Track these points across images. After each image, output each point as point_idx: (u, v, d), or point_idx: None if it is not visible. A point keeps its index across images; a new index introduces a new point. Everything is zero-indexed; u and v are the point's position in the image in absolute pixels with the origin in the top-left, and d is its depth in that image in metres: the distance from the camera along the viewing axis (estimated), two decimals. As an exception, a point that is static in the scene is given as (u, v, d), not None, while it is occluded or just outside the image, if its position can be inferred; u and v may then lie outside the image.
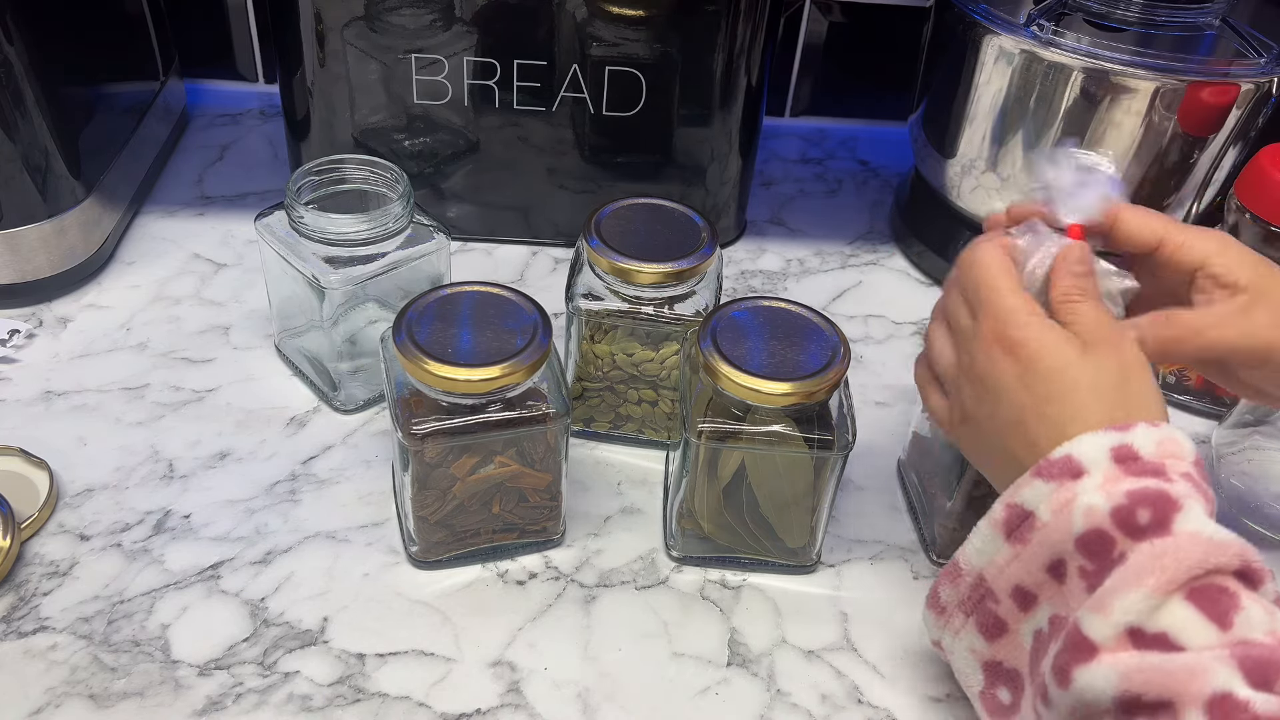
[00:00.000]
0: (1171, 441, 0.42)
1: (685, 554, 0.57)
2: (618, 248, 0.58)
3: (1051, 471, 0.42)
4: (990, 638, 0.45)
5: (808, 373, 0.51)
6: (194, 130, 0.91)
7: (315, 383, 0.66)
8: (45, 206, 0.68)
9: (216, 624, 0.52)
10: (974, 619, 0.46)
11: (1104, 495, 0.40)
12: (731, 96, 0.74)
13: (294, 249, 0.59)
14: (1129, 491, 0.40)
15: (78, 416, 0.63)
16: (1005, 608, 0.44)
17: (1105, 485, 0.40)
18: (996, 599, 0.44)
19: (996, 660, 0.45)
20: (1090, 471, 0.41)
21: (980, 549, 0.45)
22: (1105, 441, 0.41)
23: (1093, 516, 0.40)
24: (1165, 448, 0.41)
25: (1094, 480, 0.41)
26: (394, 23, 0.70)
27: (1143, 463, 0.41)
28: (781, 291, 0.79)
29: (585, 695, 0.51)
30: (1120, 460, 0.41)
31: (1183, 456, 0.41)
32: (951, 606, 0.47)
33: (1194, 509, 0.39)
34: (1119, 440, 0.41)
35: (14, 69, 0.63)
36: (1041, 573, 0.42)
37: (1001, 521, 0.44)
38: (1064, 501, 0.41)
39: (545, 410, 0.52)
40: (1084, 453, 0.41)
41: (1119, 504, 0.40)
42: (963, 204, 0.77)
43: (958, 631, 0.47)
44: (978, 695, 0.47)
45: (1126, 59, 0.65)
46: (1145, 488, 0.40)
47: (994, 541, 0.44)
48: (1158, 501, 0.39)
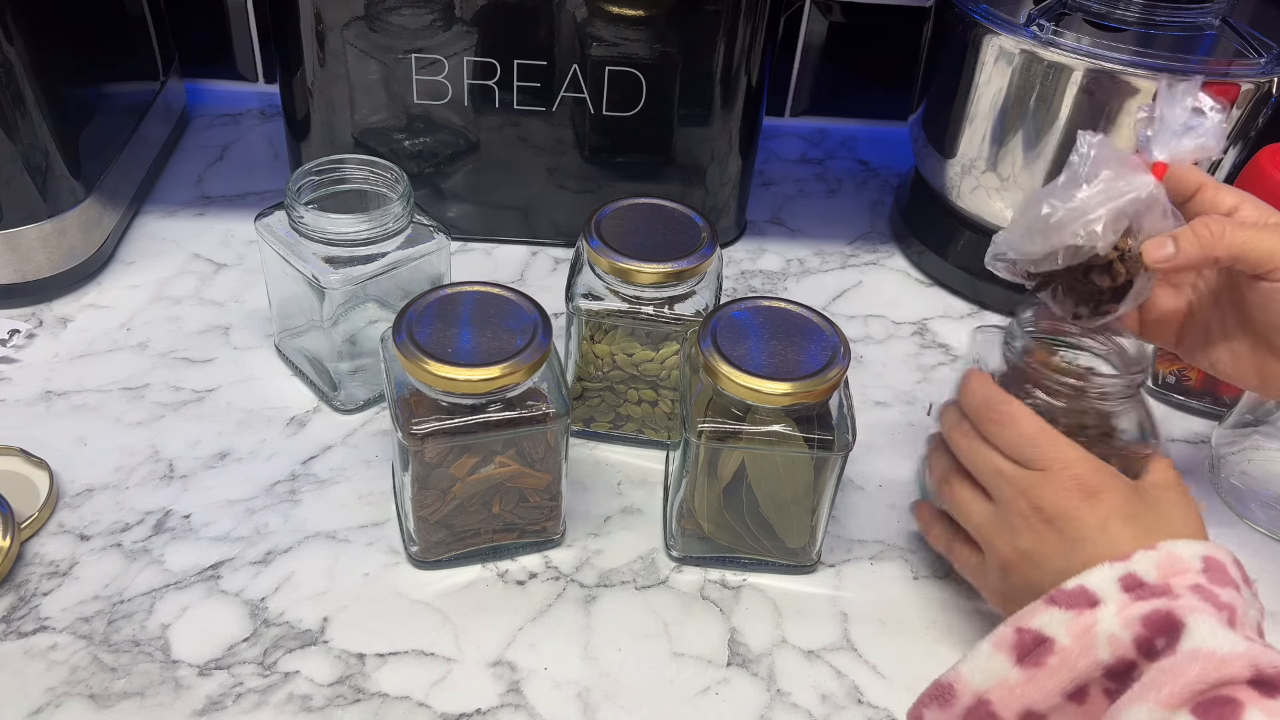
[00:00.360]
0: (1171, 559, 0.43)
1: (685, 554, 0.57)
2: (618, 248, 0.58)
3: (1067, 600, 0.43)
4: None
5: (808, 373, 0.51)
6: (194, 130, 0.91)
7: (315, 383, 0.66)
8: (45, 206, 0.68)
9: (216, 624, 0.52)
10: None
11: (1122, 623, 0.41)
12: (731, 96, 0.74)
13: (294, 249, 0.59)
14: (1143, 617, 0.41)
15: (78, 416, 0.63)
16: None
17: (1120, 612, 0.42)
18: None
19: None
20: (1105, 601, 0.42)
21: (984, 669, 0.44)
22: (1111, 573, 0.43)
23: (1118, 645, 0.41)
24: (1165, 568, 0.43)
25: (1109, 609, 0.42)
26: (394, 23, 0.70)
27: (1149, 587, 0.42)
28: (781, 291, 0.79)
29: (585, 695, 0.51)
30: (1128, 588, 0.42)
31: (1186, 569, 0.43)
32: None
33: (1199, 625, 0.40)
34: (1123, 570, 0.43)
35: (14, 69, 0.63)
36: (1059, 697, 0.42)
37: (1013, 645, 0.43)
38: (1085, 627, 0.42)
39: (545, 410, 0.52)
40: (1095, 584, 0.43)
41: (1138, 633, 0.41)
42: (963, 204, 0.77)
43: None
44: None
45: (1126, 59, 0.65)
46: (1156, 610, 0.41)
47: (1000, 664, 0.44)
48: (1166, 624, 0.41)
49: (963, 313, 0.78)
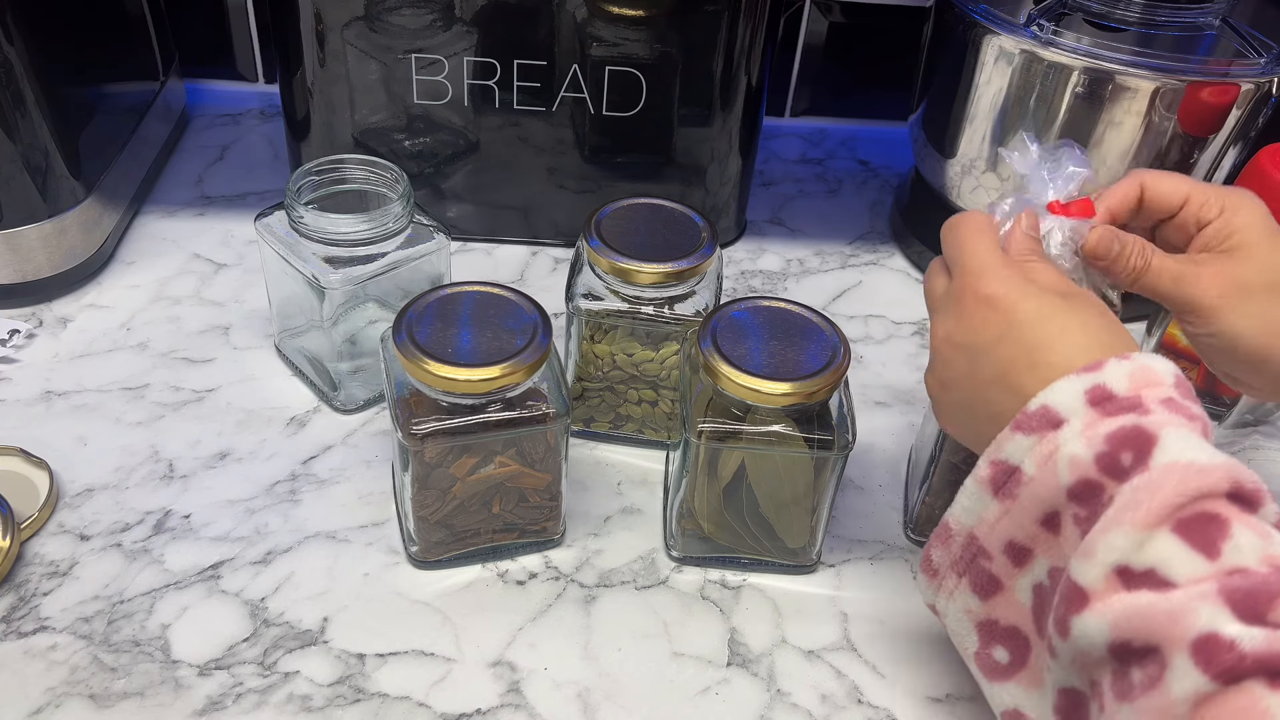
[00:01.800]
0: (1144, 370, 0.40)
1: (685, 554, 0.57)
2: (618, 248, 0.58)
3: (1031, 424, 0.41)
4: (985, 596, 0.44)
5: (808, 373, 0.51)
6: (194, 130, 0.91)
7: (315, 383, 0.66)
8: (45, 206, 0.68)
9: (216, 624, 0.52)
10: (967, 579, 0.45)
11: (1085, 442, 0.39)
12: (731, 96, 0.74)
13: (294, 249, 0.59)
14: (1108, 435, 0.39)
15: (78, 416, 0.63)
16: (999, 564, 0.43)
17: (1085, 431, 0.39)
18: (989, 556, 0.44)
19: (992, 619, 0.45)
20: (1069, 419, 0.40)
21: (968, 507, 0.44)
22: (1078, 386, 0.40)
23: (1078, 467, 0.39)
24: (1138, 379, 0.40)
25: (1073, 428, 0.40)
26: (394, 23, 0.70)
27: (1118, 400, 0.40)
28: (781, 291, 0.79)
29: (585, 695, 0.51)
30: (1096, 403, 0.40)
31: (1159, 383, 0.40)
32: (944, 568, 0.46)
33: (1171, 437, 0.38)
34: (1092, 381, 0.40)
35: (14, 69, 0.63)
36: (1035, 526, 0.42)
37: (988, 479, 0.43)
38: (1047, 454, 0.40)
39: (545, 410, 0.52)
40: (1059, 400, 0.40)
41: (1101, 450, 0.39)
42: (963, 204, 0.77)
43: (951, 593, 0.46)
44: (973, 657, 0.46)
45: (1126, 59, 0.65)
46: (1123, 427, 0.39)
47: (981, 499, 0.43)
48: (1136, 439, 0.38)
49: (963, 313, 0.78)
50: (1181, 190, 0.49)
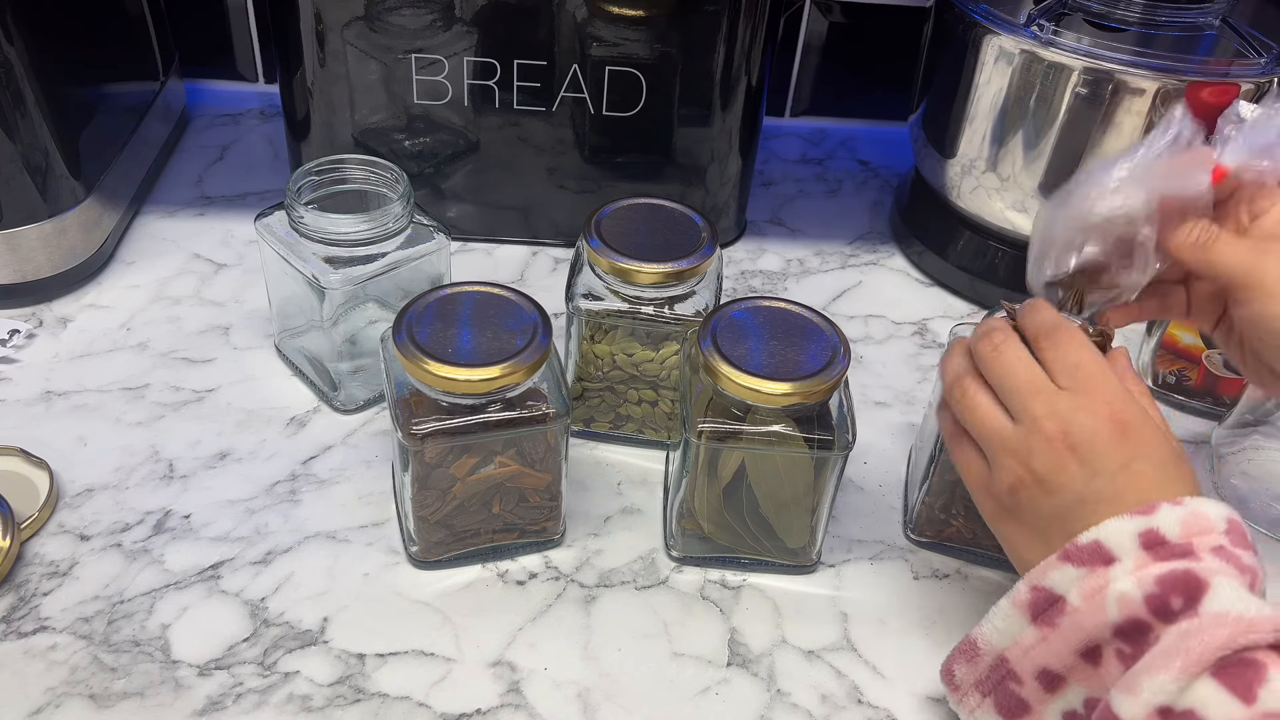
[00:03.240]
0: (1196, 518, 0.41)
1: (685, 554, 0.57)
2: (618, 248, 0.58)
3: (1081, 557, 0.42)
4: (1010, 717, 0.45)
5: (808, 373, 0.51)
6: (194, 130, 0.91)
7: (315, 383, 0.66)
8: (45, 206, 0.68)
9: (216, 624, 0.52)
10: (992, 699, 0.45)
11: (1135, 582, 0.40)
12: (731, 96, 0.74)
13: (294, 249, 0.59)
14: (1159, 578, 0.40)
15: (78, 416, 0.63)
16: (1029, 689, 0.44)
17: (1136, 571, 0.40)
18: (1019, 680, 0.44)
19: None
20: (1120, 558, 0.41)
21: (1001, 629, 0.44)
22: (1131, 527, 0.41)
23: (1127, 605, 0.40)
24: (1190, 526, 0.41)
25: (1124, 567, 0.41)
26: (394, 23, 0.70)
27: (1170, 546, 0.41)
28: (781, 291, 0.79)
29: (585, 695, 0.51)
30: (1148, 546, 0.41)
31: (1211, 529, 0.41)
32: (966, 685, 0.46)
33: (1222, 587, 0.39)
34: (1144, 525, 0.41)
35: (14, 69, 0.63)
36: (1073, 656, 0.42)
37: (1027, 603, 0.43)
38: (1096, 588, 0.41)
39: (545, 410, 0.52)
40: (1110, 538, 0.42)
41: (1151, 592, 0.40)
42: (963, 204, 0.77)
43: (973, 710, 0.46)
44: None
45: (1126, 59, 0.65)
46: (1174, 571, 0.40)
47: (1017, 623, 0.44)
48: (1186, 585, 0.40)
49: (963, 313, 0.78)
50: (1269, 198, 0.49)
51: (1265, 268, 0.47)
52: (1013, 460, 0.46)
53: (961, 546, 0.58)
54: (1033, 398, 0.46)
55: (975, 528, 0.57)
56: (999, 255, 0.77)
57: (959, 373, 0.50)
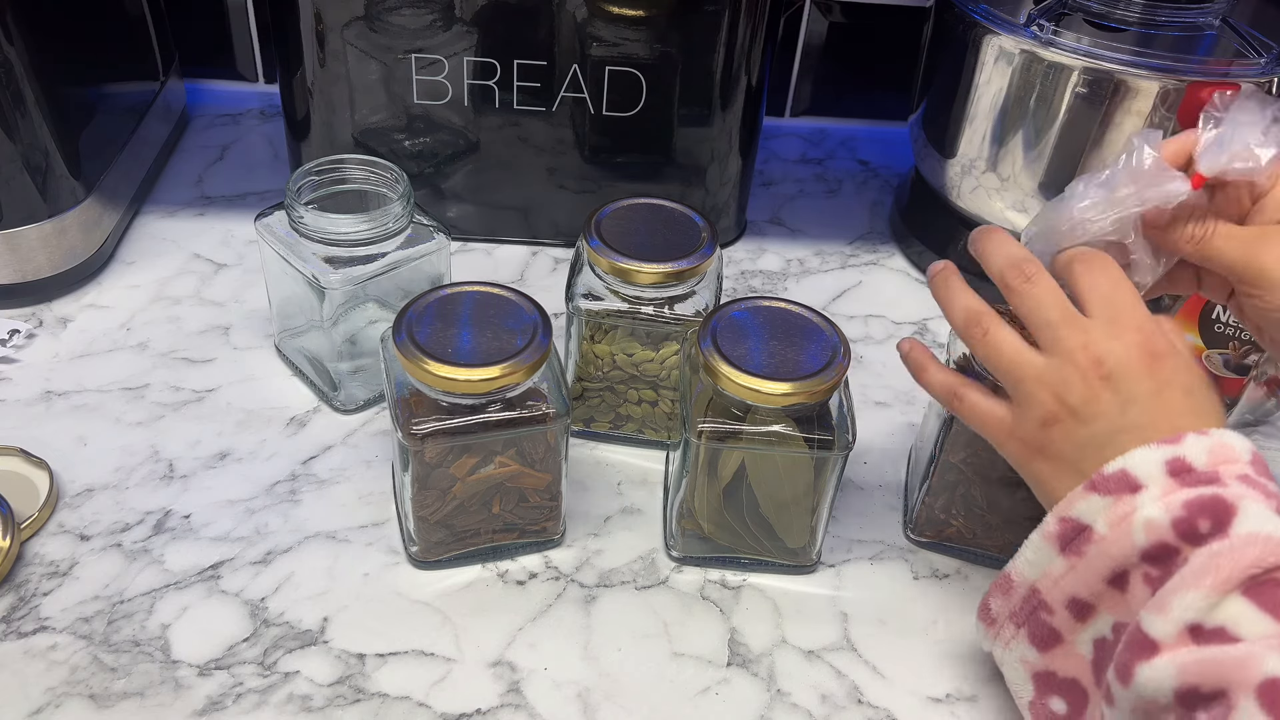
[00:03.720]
0: (1223, 447, 0.42)
1: (685, 554, 0.57)
2: (618, 248, 0.58)
3: (1108, 486, 0.42)
4: (1043, 648, 0.46)
5: (808, 373, 0.51)
6: (194, 130, 0.91)
7: (315, 383, 0.66)
8: (45, 206, 0.68)
9: (216, 624, 0.52)
10: (1026, 630, 0.46)
11: (1163, 507, 0.41)
12: (731, 96, 0.74)
13: (294, 249, 0.59)
14: (1186, 502, 0.40)
15: (78, 416, 0.63)
16: (1060, 618, 0.45)
17: (1164, 497, 0.41)
18: (1050, 610, 0.45)
19: (1050, 670, 0.46)
20: (1147, 485, 0.41)
21: (1032, 561, 0.45)
22: (1158, 456, 0.42)
23: (1154, 530, 0.41)
24: (1217, 455, 0.42)
25: (1151, 493, 0.41)
26: (394, 23, 0.70)
27: (1197, 473, 0.41)
28: (781, 291, 0.79)
29: (585, 695, 0.51)
30: (1175, 473, 0.41)
31: (1236, 459, 0.42)
32: (1002, 618, 0.47)
33: (1251, 510, 0.39)
34: (1172, 453, 0.42)
35: (14, 69, 0.63)
36: (1101, 584, 0.43)
37: (1055, 535, 0.44)
38: (1122, 515, 0.41)
39: (545, 410, 0.52)
40: (1137, 467, 0.42)
41: (1178, 515, 0.40)
42: (963, 204, 0.77)
43: (1008, 642, 0.47)
44: (1028, 705, 0.47)
45: (1126, 59, 0.65)
46: (1201, 496, 0.40)
47: (1047, 554, 0.44)
48: (1214, 508, 0.40)
49: (963, 313, 0.78)
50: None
51: (1265, 259, 0.46)
52: (1046, 393, 0.45)
53: (961, 546, 0.58)
54: (1068, 328, 0.45)
55: (975, 528, 0.57)
56: (999, 255, 0.77)
57: (976, 310, 0.48)
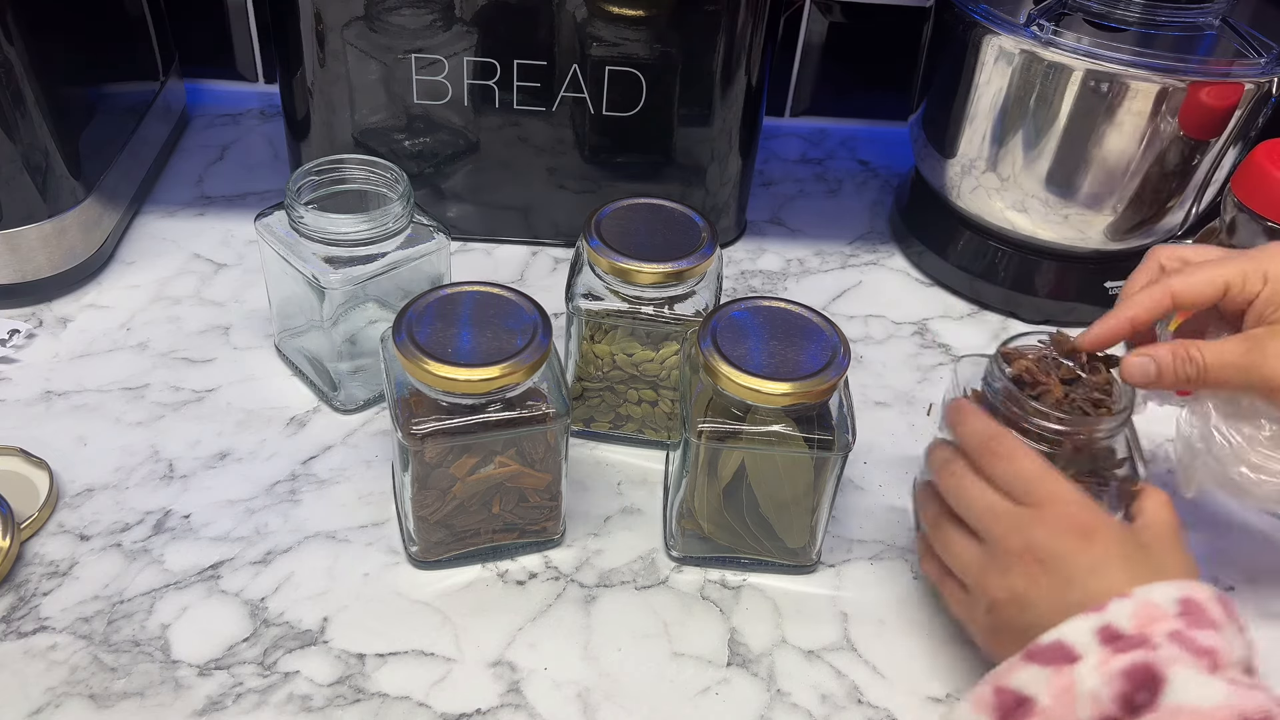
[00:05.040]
0: (1147, 607, 0.42)
1: (685, 554, 0.57)
2: (618, 248, 0.58)
3: (1045, 656, 0.42)
4: None
5: (808, 373, 0.51)
6: (194, 130, 0.91)
7: (315, 383, 0.66)
8: (45, 206, 0.68)
9: (216, 624, 0.52)
10: None
11: (1102, 678, 0.40)
12: (731, 96, 0.74)
13: (294, 249, 0.59)
14: (1122, 671, 0.40)
15: (78, 416, 0.63)
16: None
17: (1100, 668, 0.41)
18: None
19: None
20: (1084, 655, 0.41)
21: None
22: (1088, 625, 0.42)
23: (1098, 704, 0.40)
24: (1142, 616, 0.41)
25: (1089, 664, 0.41)
26: (394, 23, 0.70)
27: (1126, 638, 0.41)
28: (781, 291, 0.79)
29: (585, 695, 0.51)
30: (1107, 641, 0.41)
31: (1163, 616, 0.41)
32: None
33: (1178, 678, 0.39)
34: (1099, 621, 0.42)
35: (14, 69, 0.63)
36: None
37: (993, 705, 0.43)
38: (1064, 687, 0.41)
39: (545, 410, 0.52)
40: (1070, 636, 0.42)
41: (1118, 690, 0.40)
42: (963, 204, 0.77)
43: None
44: None
45: (1127, 59, 0.65)
46: (1134, 664, 0.40)
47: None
48: (1146, 678, 0.40)
49: (963, 313, 0.78)
50: (1218, 282, 0.49)
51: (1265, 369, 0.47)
52: (987, 580, 0.47)
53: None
54: (993, 521, 0.48)
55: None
56: (999, 255, 0.77)
57: (935, 517, 0.52)
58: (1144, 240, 0.74)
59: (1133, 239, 0.73)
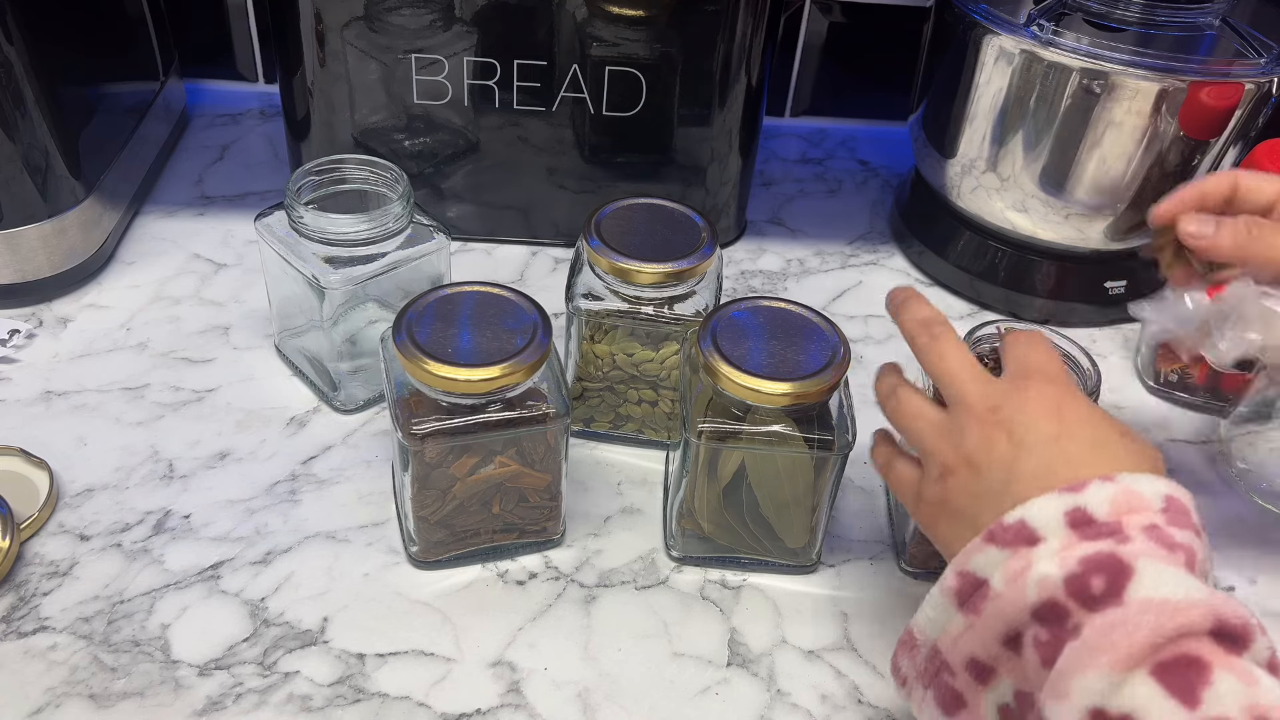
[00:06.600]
0: (1128, 495, 0.39)
1: (685, 554, 0.57)
2: (618, 248, 0.58)
3: (1005, 537, 0.39)
4: (949, 712, 0.42)
5: (808, 373, 0.51)
6: (194, 130, 0.91)
7: (315, 383, 0.66)
8: (45, 206, 0.68)
9: (216, 624, 0.52)
10: (932, 691, 0.42)
11: (1058, 563, 0.38)
12: (731, 96, 0.74)
13: (294, 249, 0.59)
14: (1083, 558, 0.37)
15: (78, 416, 0.63)
16: (962, 681, 0.41)
17: (1061, 552, 0.38)
18: (952, 671, 0.41)
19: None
20: (1046, 538, 0.39)
21: (933, 618, 0.42)
22: (1057, 505, 0.39)
23: (1046, 587, 0.38)
24: (1121, 504, 0.39)
25: (1049, 547, 0.38)
26: (394, 23, 0.70)
27: (1098, 525, 0.38)
28: (781, 291, 0.79)
29: (585, 695, 0.51)
30: (1075, 525, 0.38)
31: (1144, 508, 0.39)
32: (911, 678, 0.44)
33: (1147, 571, 0.36)
34: (1072, 503, 0.39)
35: (14, 69, 0.63)
36: (997, 645, 0.40)
37: (954, 590, 0.41)
38: (1018, 570, 0.38)
39: (545, 410, 0.52)
40: (1037, 517, 0.39)
41: (1072, 572, 0.37)
42: (963, 204, 0.77)
43: (919, 704, 0.43)
44: None
45: (1127, 59, 0.65)
46: (1100, 553, 0.37)
47: (946, 610, 0.41)
48: (1110, 567, 0.37)
49: (963, 313, 0.78)
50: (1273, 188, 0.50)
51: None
52: (944, 444, 0.45)
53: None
54: (969, 381, 0.45)
55: None
56: (999, 255, 0.77)
57: (892, 383, 0.49)
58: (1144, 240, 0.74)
59: (1133, 239, 0.73)
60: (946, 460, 0.45)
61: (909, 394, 0.48)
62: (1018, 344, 0.47)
